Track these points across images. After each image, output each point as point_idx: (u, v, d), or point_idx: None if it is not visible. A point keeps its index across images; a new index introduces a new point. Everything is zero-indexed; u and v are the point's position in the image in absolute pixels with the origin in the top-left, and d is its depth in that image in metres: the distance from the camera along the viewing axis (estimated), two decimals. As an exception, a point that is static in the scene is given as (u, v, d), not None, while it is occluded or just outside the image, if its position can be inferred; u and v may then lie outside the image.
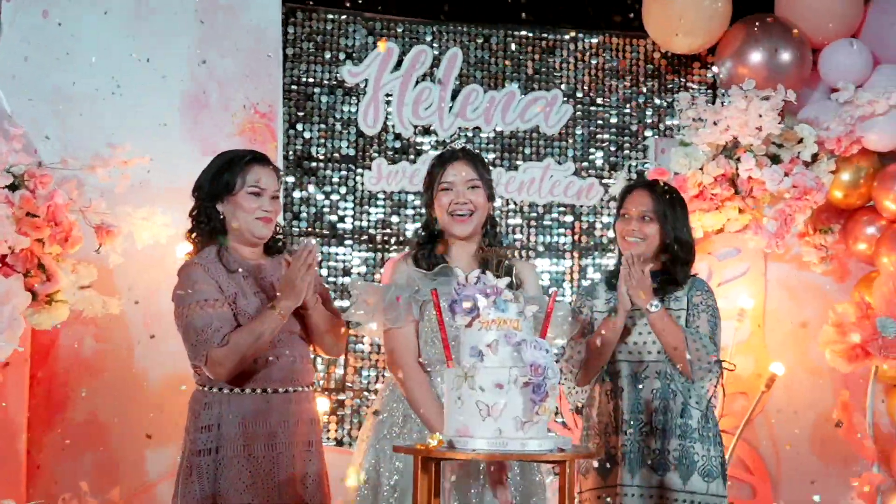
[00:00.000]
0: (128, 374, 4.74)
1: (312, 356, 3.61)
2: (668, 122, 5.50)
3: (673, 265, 3.72)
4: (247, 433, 3.38)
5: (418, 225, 5.16)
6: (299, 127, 5.19)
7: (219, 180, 3.49)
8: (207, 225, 3.51)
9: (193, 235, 3.55)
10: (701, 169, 5.02)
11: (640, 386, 3.66)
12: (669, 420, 3.62)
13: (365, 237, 5.20)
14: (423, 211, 5.08)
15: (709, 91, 5.51)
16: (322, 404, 4.71)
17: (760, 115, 4.86)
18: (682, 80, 5.53)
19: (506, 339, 2.80)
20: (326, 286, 4.09)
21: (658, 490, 3.60)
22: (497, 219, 3.70)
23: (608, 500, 3.66)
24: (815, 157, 5.07)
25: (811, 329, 5.38)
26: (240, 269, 3.47)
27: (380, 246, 5.22)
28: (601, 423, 3.74)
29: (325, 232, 5.12)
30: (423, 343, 3.46)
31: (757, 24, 5.24)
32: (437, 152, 5.15)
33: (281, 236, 3.68)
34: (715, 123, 4.97)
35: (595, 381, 3.76)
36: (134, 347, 4.74)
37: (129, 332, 4.72)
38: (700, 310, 3.69)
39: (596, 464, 3.70)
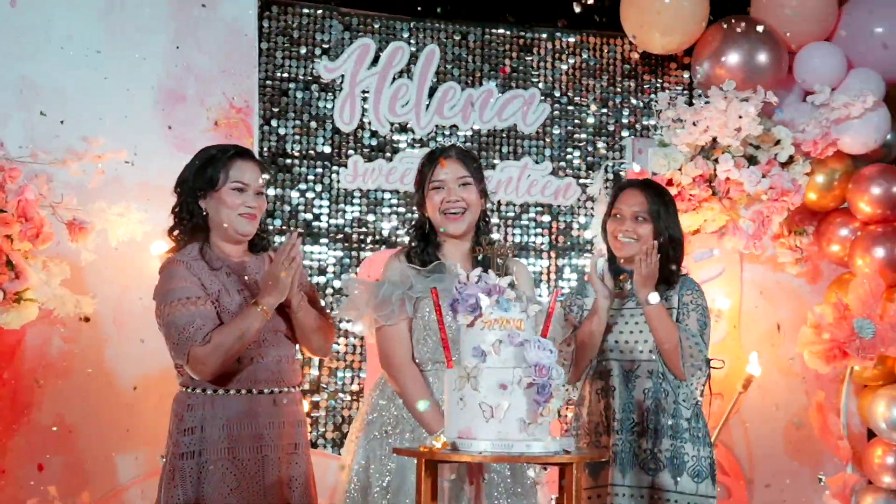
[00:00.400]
0: (97, 376, 4.60)
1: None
2: (645, 123, 5.48)
3: (665, 265, 3.69)
4: (231, 435, 3.30)
5: (395, 224, 5.14)
6: (274, 123, 5.08)
7: (202, 176, 3.41)
8: (190, 222, 3.42)
9: (176, 233, 3.45)
10: (679, 170, 5.01)
11: (632, 385, 3.64)
12: (661, 420, 3.60)
13: (340, 236, 5.11)
14: (400, 210, 5.14)
15: (685, 92, 5.50)
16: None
17: (740, 117, 4.85)
18: (659, 80, 5.52)
19: (509, 338, 2.75)
20: (312, 283, 4.01)
21: (649, 490, 3.57)
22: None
23: (599, 499, 3.63)
24: (790, 159, 5.08)
25: (785, 330, 5.41)
26: (223, 267, 3.39)
27: (355, 245, 5.13)
28: (591, 422, 3.71)
29: (300, 230, 5.02)
30: (416, 341, 3.40)
31: (734, 25, 5.23)
32: (411, 149, 5.17)
33: (266, 234, 3.60)
34: (694, 124, 4.96)
35: (585, 379, 3.72)
36: (104, 348, 4.60)
37: (98, 331, 4.57)
38: (690, 309, 3.67)
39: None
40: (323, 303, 4.90)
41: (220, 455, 3.28)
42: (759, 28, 5.19)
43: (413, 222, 3.61)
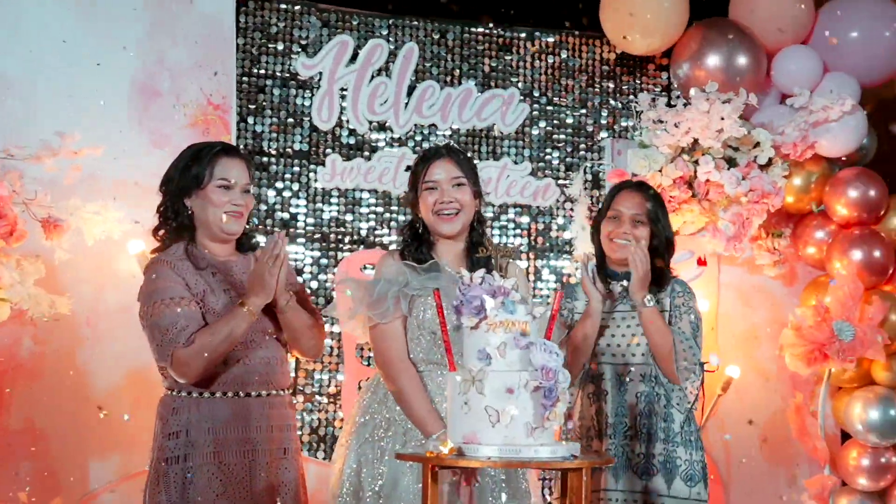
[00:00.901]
0: (69, 378, 4.44)
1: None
2: (623, 124, 5.45)
3: (658, 267, 3.68)
4: (218, 440, 3.23)
5: (373, 224, 5.06)
6: (250, 120, 4.97)
7: (187, 174, 3.33)
8: (175, 221, 3.35)
9: (161, 232, 3.37)
10: (660, 171, 5.00)
11: (625, 389, 3.61)
12: (654, 424, 3.57)
13: (318, 236, 5.02)
14: (378, 210, 5.06)
15: (662, 93, 5.48)
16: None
17: (722, 118, 4.85)
18: (637, 81, 5.49)
19: (514, 341, 2.69)
20: (301, 283, 3.92)
21: (642, 495, 3.55)
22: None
23: (592, 506, 3.60)
24: (769, 161, 5.08)
25: (761, 333, 5.42)
26: (209, 267, 3.31)
27: (333, 245, 5.04)
28: (582, 426, 3.68)
29: (276, 229, 4.91)
30: (409, 341, 3.35)
31: (714, 27, 5.23)
32: (390, 149, 5.09)
33: (254, 232, 3.53)
34: (676, 126, 4.95)
35: (576, 384, 3.68)
36: (76, 349, 4.46)
37: (71, 332, 4.42)
38: (682, 311, 3.66)
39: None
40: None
41: (205, 460, 3.21)
42: (741, 30, 5.20)
43: (405, 222, 3.56)
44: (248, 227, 3.46)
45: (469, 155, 3.83)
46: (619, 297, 3.70)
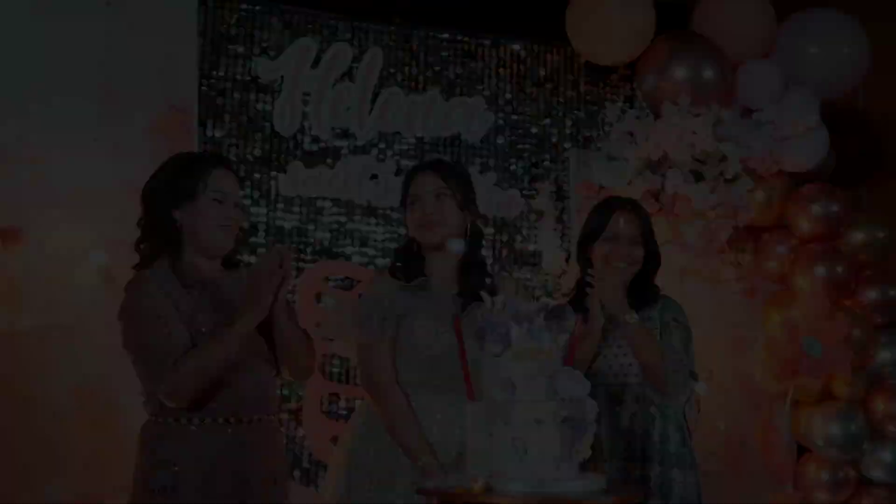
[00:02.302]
0: (17, 401, 4.15)
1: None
2: (587, 134, 5.37)
3: (647, 283, 3.62)
4: (207, 468, 3.03)
5: (336, 234, 4.89)
6: (209, 124, 4.74)
7: (175, 185, 3.14)
8: (161, 234, 3.14)
9: (144, 246, 3.16)
10: (629, 184, 4.95)
11: (618, 411, 3.53)
12: (649, 446, 3.50)
13: (278, 245, 4.81)
14: (341, 220, 4.90)
15: (626, 103, 5.42)
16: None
17: (694, 132, 4.82)
18: (601, 92, 5.43)
19: (540, 370, 2.58)
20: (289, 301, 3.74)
21: (638, 519, 3.46)
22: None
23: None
24: (735, 176, 5.07)
25: (721, 347, 5.40)
26: (196, 284, 3.12)
27: (294, 256, 4.83)
28: (576, 450, 3.57)
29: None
30: (400, 362, 3.23)
31: (681, 39, 5.21)
32: (353, 156, 4.93)
33: (241, 248, 3.35)
34: (647, 138, 4.90)
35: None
36: (27, 367, 4.16)
37: (21, 349, 4.14)
38: (672, 327, 3.59)
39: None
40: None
41: (194, 489, 3.00)
42: (706, 43, 5.18)
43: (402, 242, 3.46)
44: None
45: (457, 167, 3.67)
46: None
